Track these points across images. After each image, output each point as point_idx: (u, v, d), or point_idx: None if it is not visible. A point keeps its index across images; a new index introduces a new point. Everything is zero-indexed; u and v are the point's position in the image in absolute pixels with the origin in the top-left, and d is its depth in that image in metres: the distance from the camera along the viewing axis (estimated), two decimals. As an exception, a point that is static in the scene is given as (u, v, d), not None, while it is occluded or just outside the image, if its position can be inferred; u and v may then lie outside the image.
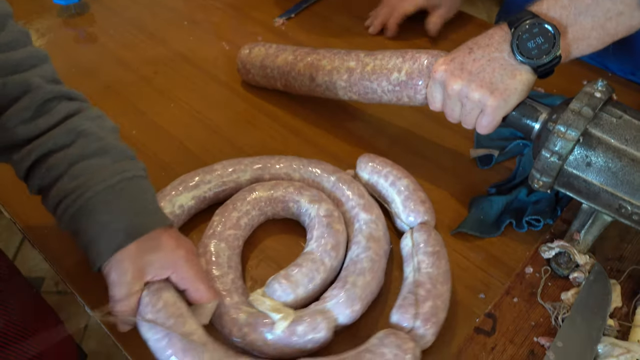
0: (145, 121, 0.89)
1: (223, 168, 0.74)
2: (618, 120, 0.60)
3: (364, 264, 0.63)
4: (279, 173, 0.75)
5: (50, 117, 0.57)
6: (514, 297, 0.65)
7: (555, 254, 0.67)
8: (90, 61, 1.01)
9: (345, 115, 0.91)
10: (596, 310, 0.61)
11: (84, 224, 0.55)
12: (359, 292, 0.61)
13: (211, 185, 0.73)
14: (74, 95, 0.61)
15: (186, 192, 0.71)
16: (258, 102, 0.93)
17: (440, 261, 0.63)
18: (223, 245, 0.65)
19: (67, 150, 0.57)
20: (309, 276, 0.62)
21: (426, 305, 0.59)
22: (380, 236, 0.67)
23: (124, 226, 0.55)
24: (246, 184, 0.74)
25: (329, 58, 0.83)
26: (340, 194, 0.72)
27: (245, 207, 0.69)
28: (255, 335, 0.58)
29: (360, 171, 0.75)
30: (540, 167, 0.63)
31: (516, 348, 0.60)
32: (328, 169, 0.75)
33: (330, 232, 0.66)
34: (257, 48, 0.92)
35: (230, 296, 0.61)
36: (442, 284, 0.61)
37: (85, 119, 0.59)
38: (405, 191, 0.71)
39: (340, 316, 0.60)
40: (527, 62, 0.64)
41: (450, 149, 0.85)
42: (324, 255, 0.64)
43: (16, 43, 0.58)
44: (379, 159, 0.75)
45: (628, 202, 0.59)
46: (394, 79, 0.76)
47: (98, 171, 0.56)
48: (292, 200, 0.70)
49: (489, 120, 0.68)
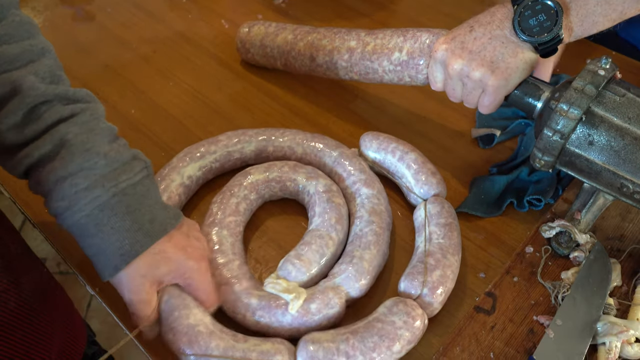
0: (144, 100, 0.88)
1: (228, 139, 0.75)
2: (621, 98, 0.60)
3: (368, 237, 0.64)
4: (282, 146, 0.75)
5: (38, 124, 0.52)
6: (514, 277, 0.65)
7: (556, 234, 0.67)
8: (88, 40, 1.00)
9: (346, 94, 0.90)
10: (596, 289, 0.62)
11: (81, 241, 0.54)
12: (367, 266, 0.62)
13: (217, 155, 0.73)
14: (71, 95, 0.55)
15: (193, 162, 0.72)
16: (258, 81, 0.92)
17: (452, 233, 0.64)
18: (225, 232, 0.65)
19: (53, 164, 0.52)
20: (319, 252, 0.63)
21: (435, 274, 0.60)
22: (382, 210, 0.67)
23: (119, 247, 0.52)
24: (250, 155, 0.75)
25: (330, 37, 0.82)
26: (341, 169, 0.72)
27: (243, 192, 0.69)
28: (270, 317, 0.58)
29: (365, 149, 0.75)
30: (542, 146, 0.62)
31: (516, 326, 0.61)
32: (331, 144, 0.75)
33: (332, 206, 0.67)
34: (256, 27, 0.91)
35: (240, 282, 0.61)
36: (452, 255, 0.62)
37: (74, 125, 0.53)
38: (414, 165, 0.71)
39: (350, 290, 0.61)
40: (528, 39, 0.63)
41: (452, 129, 0.84)
42: (330, 229, 0.65)
43: (11, 37, 0.53)
44: (383, 136, 0.74)
45: (630, 181, 0.59)
46: (395, 59, 0.75)
47: (86, 190, 0.52)
48: (288, 179, 0.71)
49: (490, 100, 0.67)
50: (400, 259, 0.68)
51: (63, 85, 0.56)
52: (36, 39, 0.55)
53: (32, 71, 0.53)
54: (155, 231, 0.55)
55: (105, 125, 0.56)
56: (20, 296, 0.65)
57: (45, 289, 0.72)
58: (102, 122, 0.56)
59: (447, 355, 0.58)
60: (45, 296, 0.71)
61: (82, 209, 0.52)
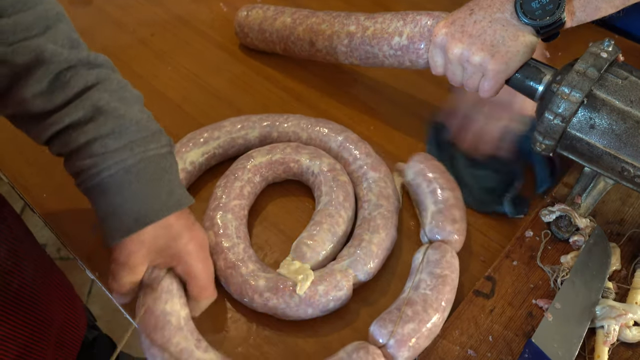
0: (142, 84, 0.88)
1: (231, 124, 0.74)
2: (624, 81, 0.59)
3: (377, 221, 0.64)
4: (286, 131, 0.74)
5: (67, 91, 0.53)
6: (513, 261, 0.65)
7: (556, 218, 0.67)
8: (85, 23, 0.99)
9: (346, 78, 0.89)
10: (595, 273, 0.62)
11: (99, 201, 0.54)
12: (375, 249, 0.62)
13: (220, 141, 0.73)
14: (93, 60, 0.55)
15: (196, 148, 0.71)
16: (257, 65, 0.92)
17: (443, 287, 0.58)
18: (230, 216, 0.65)
19: (85, 127, 0.53)
20: (331, 231, 0.63)
21: (407, 327, 0.55)
22: (389, 193, 0.67)
23: (135, 211, 0.53)
24: (254, 141, 0.74)
25: (329, 22, 0.81)
26: (347, 153, 0.72)
27: (247, 175, 0.69)
28: (278, 299, 0.58)
29: (409, 168, 0.71)
30: (543, 129, 0.62)
31: (515, 310, 0.61)
32: (336, 128, 0.74)
33: (339, 184, 0.67)
34: (254, 10, 0.90)
35: (245, 265, 0.61)
36: (435, 311, 0.57)
37: (105, 92, 0.54)
38: (441, 204, 0.65)
39: (358, 273, 0.61)
40: (529, 22, 0.63)
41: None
42: (339, 207, 0.65)
43: (24, 4, 0.52)
44: (432, 162, 0.70)
45: (631, 164, 0.59)
46: (395, 43, 0.74)
47: (115, 152, 0.53)
48: (292, 160, 0.70)
49: (491, 84, 0.67)
50: (408, 242, 0.68)
51: (83, 49, 0.56)
52: (48, 3, 0.55)
53: (51, 38, 0.53)
54: (171, 204, 0.55)
55: (134, 92, 0.57)
56: (23, 278, 0.66)
57: (46, 272, 0.72)
58: (129, 90, 0.57)
59: (446, 338, 0.59)
60: (46, 279, 0.72)
61: (108, 168, 0.52)
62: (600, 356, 0.56)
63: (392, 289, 0.64)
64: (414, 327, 0.55)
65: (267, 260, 0.67)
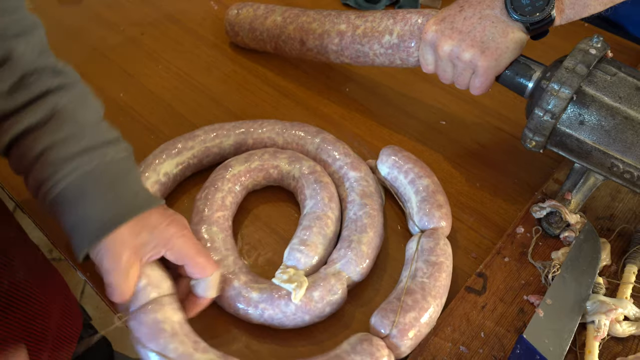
0: (132, 84, 0.87)
1: (205, 133, 0.72)
2: (612, 77, 0.60)
3: (363, 220, 0.63)
4: (262, 137, 0.73)
5: (28, 92, 0.52)
6: (504, 257, 0.65)
7: (547, 214, 0.67)
8: (75, 23, 0.99)
9: (337, 76, 0.89)
10: (585, 268, 0.62)
11: (63, 213, 0.52)
12: (365, 249, 0.61)
13: (194, 151, 0.71)
14: (60, 68, 0.55)
15: (169, 159, 0.69)
16: (248, 63, 0.91)
17: (440, 274, 0.59)
18: (215, 228, 0.63)
19: (41, 131, 0.52)
20: (321, 234, 0.63)
21: (409, 316, 0.56)
22: (372, 192, 0.67)
23: (101, 216, 0.52)
24: (229, 149, 0.73)
25: (319, 21, 0.81)
26: (325, 155, 0.71)
27: (227, 186, 0.67)
28: (273, 309, 0.57)
29: (381, 163, 0.71)
30: (533, 126, 0.62)
31: (506, 306, 0.61)
32: (311, 130, 0.74)
33: (322, 185, 0.66)
34: (245, 9, 0.90)
35: (237, 277, 0.59)
36: (434, 298, 0.57)
37: (65, 96, 0.54)
38: (423, 192, 0.66)
39: (352, 274, 0.60)
40: (519, 18, 0.63)
41: (443, 110, 0.84)
42: (325, 209, 0.64)
43: (3, 10, 0.52)
44: (403, 153, 0.70)
45: (620, 160, 0.59)
46: (386, 42, 0.74)
47: (72, 158, 0.51)
48: (271, 166, 0.69)
49: (481, 81, 0.67)
50: (394, 241, 0.68)
51: (51, 57, 0.56)
52: (26, 12, 0.55)
53: (22, 42, 0.53)
54: (139, 204, 0.54)
55: (95, 101, 0.57)
56: (14, 277, 0.65)
57: (40, 272, 0.72)
58: (91, 98, 0.57)
59: (438, 335, 0.59)
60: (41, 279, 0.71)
61: (65, 176, 0.51)
62: (591, 351, 0.57)
63: (384, 285, 0.64)
64: (415, 315, 0.56)
65: (260, 261, 0.66)
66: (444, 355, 0.57)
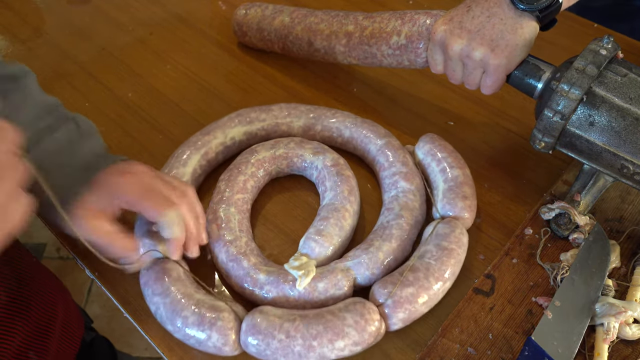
0: (141, 83, 0.88)
1: (280, 110, 0.75)
2: (623, 78, 0.59)
3: (392, 230, 0.63)
4: (330, 126, 0.74)
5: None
6: (513, 258, 0.65)
7: (555, 215, 0.67)
8: (84, 23, 0.99)
9: (345, 76, 0.89)
10: (595, 270, 0.62)
11: None
12: (382, 257, 0.61)
13: (264, 124, 0.74)
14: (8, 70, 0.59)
15: (240, 125, 0.73)
16: (256, 63, 0.91)
17: (449, 259, 0.59)
18: (233, 209, 0.65)
19: None
20: (338, 225, 0.63)
21: (406, 291, 0.57)
22: (415, 207, 0.65)
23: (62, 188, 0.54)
24: (297, 130, 0.75)
25: (327, 21, 0.81)
26: (383, 158, 0.70)
27: (251, 170, 0.69)
28: (277, 292, 0.59)
29: (418, 149, 0.72)
30: (543, 127, 0.62)
31: (514, 308, 0.61)
32: (380, 132, 0.73)
33: (343, 179, 0.67)
34: (253, 9, 0.90)
35: (247, 258, 0.61)
36: (436, 280, 0.58)
37: None
38: (451, 181, 0.66)
39: (359, 276, 0.60)
40: (527, 8, 0.62)
41: (452, 111, 0.84)
42: (344, 202, 0.65)
43: None
44: (440, 142, 0.71)
45: (630, 162, 0.59)
46: (394, 43, 0.74)
47: None
48: (295, 155, 0.71)
49: (492, 80, 0.67)
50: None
51: None
52: None
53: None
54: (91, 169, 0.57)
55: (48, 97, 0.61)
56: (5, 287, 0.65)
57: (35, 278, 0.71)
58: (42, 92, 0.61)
59: (445, 336, 0.58)
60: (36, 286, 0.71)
61: None
62: (600, 354, 0.56)
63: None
64: (413, 292, 0.57)
65: (271, 259, 0.66)
66: (451, 357, 0.57)
